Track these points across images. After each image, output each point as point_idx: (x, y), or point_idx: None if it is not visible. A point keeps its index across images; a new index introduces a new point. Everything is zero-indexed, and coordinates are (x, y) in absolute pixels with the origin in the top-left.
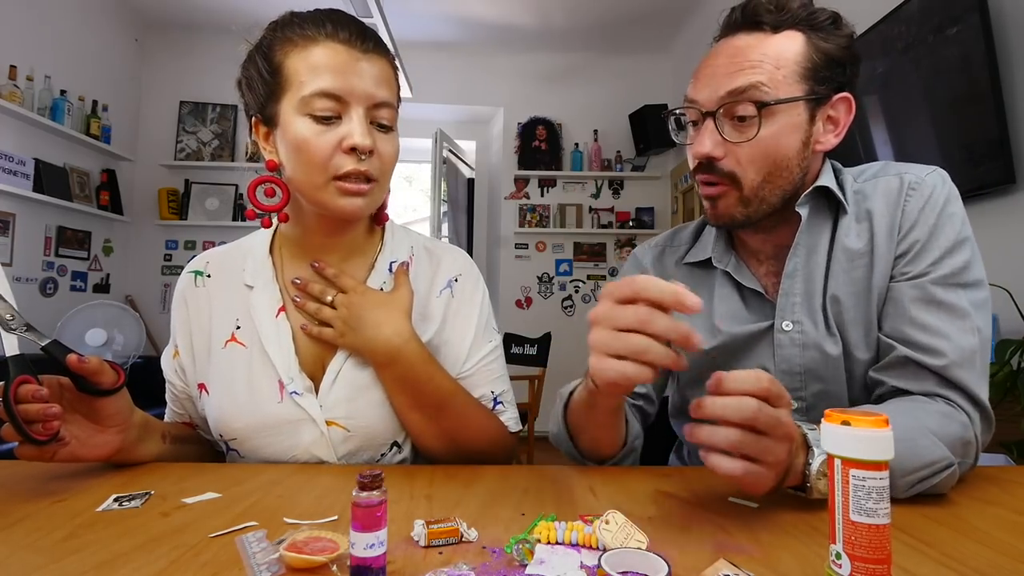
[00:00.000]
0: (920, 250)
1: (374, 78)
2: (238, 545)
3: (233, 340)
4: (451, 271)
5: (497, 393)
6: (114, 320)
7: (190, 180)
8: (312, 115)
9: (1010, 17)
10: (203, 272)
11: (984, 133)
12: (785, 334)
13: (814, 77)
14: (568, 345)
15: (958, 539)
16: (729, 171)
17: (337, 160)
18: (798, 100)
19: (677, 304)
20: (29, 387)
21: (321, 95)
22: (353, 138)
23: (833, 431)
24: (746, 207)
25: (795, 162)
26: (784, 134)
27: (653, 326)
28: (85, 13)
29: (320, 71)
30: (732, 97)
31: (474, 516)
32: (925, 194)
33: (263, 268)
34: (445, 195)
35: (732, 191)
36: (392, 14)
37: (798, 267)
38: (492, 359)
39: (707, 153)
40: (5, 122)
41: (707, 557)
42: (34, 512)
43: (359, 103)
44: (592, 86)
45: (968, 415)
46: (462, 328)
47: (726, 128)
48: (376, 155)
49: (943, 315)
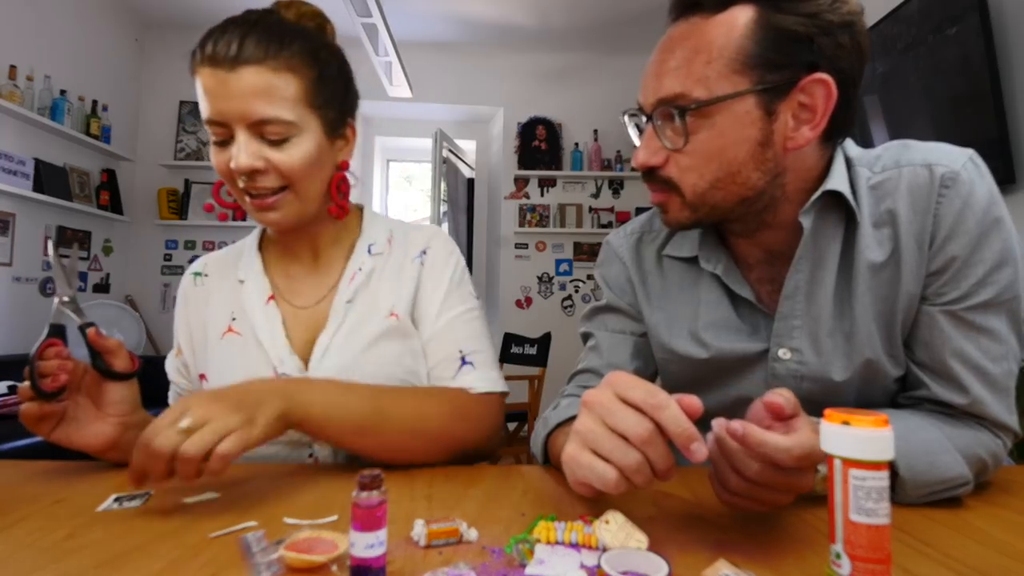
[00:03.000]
0: (961, 267)
1: (245, 95)
2: (238, 545)
3: (230, 331)
4: (421, 245)
5: (466, 352)
6: (114, 320)
7: (190, 180)
8: (212, 140)
9: (1010, 17)
10: (202, 273)
11: (984, 133)
12: (782, 363)
13: (764, 63)
14: (568, 345)
15: (958, 539)
16: (667, 178)
17: (237, 179)
18: (737, 96)
19: (684, 449)
20: (55, 348)
21: (208, 123)
22: (233, 161)
23: (833, 431)
24: (694, 212)
25: (751, 166)
26: (728, 135)
27: (653, 449)
28: (85, 13)
29: (202, 99)
30: (661, 104)
31: (474, 516)
32: (962, 194)
33: (253, 261)
34: (445, 195)
35: (675, 196)
36: (392, 14)
37: (800, 285)
38: (466, 320)
39: (643, 163)
40: (5, 122)
41: (707, 557)
42: (34, 512)
43: (237, 124)
44: (592, 86)
45: (1000, 439)
46: (432, 291)
47: (667, 131)
48: (271, 170)
49: (984, 341)
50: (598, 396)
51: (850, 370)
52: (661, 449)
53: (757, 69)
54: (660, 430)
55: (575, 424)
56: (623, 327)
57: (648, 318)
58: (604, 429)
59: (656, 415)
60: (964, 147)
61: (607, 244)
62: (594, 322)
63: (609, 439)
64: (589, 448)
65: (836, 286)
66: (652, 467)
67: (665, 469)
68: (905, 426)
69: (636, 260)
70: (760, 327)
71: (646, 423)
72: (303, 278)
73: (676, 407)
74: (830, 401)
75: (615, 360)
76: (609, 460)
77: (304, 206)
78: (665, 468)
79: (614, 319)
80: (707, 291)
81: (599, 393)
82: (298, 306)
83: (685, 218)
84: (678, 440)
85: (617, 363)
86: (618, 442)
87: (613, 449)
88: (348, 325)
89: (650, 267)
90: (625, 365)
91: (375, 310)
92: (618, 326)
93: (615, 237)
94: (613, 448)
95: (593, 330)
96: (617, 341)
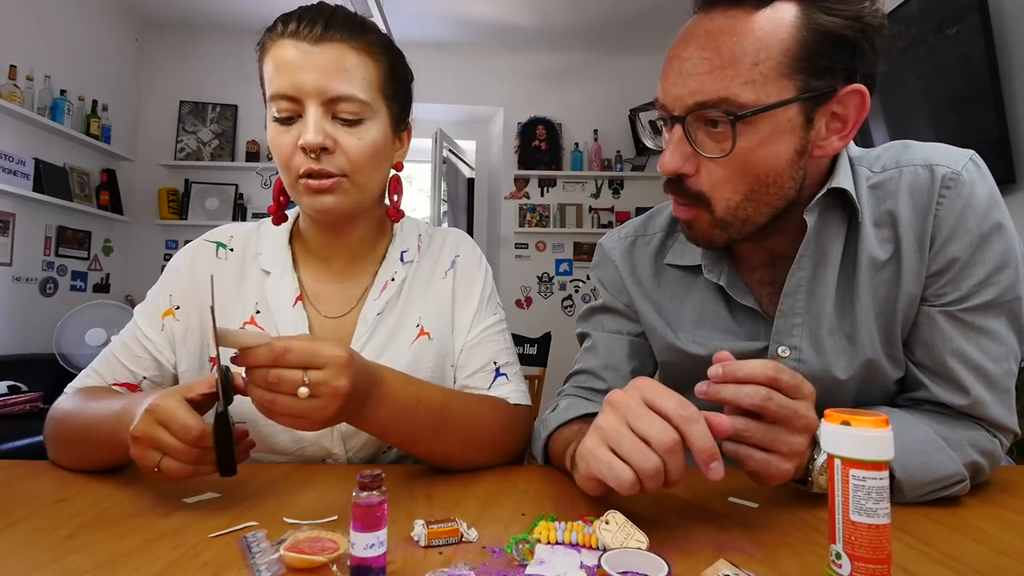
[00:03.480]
0: (962, 269)
1: (326, 70)
2: (238, 545)
3: (252, 323)
4: (449, 255)
5: (500, 363)
6: (114, 320)
7: (190, 180)
8: (275, 117)
9: (1010, 17)
10: (226, 245)
11: (984, 133)
12: (781, 360)
13: (809, 68)
14: (568, 345)
15: (958, 539)
16: (697, 191)
17: (297, 160)
18: (787, 104)
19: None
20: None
21: (277, 97)
22: (303, 137)
23: (833, 431)
24: (725, 230)
25: (786, 175)
26: (769, 144)
27: (673, 459)
28: (85, 13)
29: (274, 72)
30: (701, 108)
31: (474, 516)
32: (963, 195)
33: (282, 255)
34: (445, 195)
35: (704, 212)
36: (392, 14)
37: (802, 283)
38: (497, 331)
39: (675, 169)
40: (5, 122)
41: (707, 557)
42: (34, 512)
43: (312, 99)
44: (592, 86)
45: (997, 438)
46: (466, 302)
47: (699, 136)
48: (339, 151)
49: (984, 341)
50: (625, 398)
51: (850, 369)
52: (680, 460)
53: (803, 74)
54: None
55: (597, 419)
56: (619, 327)
57: (645, 318)
58: (627, 430)
59: (685, 427)
60: (964, 147)
61: (600, 246)
62: (590, 322)
63: (631, 440)
64: (609, 446)
65: (838, 285)
66: (666, 475)
67: (676, 479)
68: (898, 426)
69: (629, 264)
70: (760, 332)
71: (672, 432)
72: (333, 283)
73: (704, 424)
74: (828, 400)
75: (612, 360)
76: (627, 461)
77: (361, 197)
78: (677, 479)
79: (610, 319)
80: (705, 297)
81: (626, 395)
82: (326, 315)
83: (716, 237)
84: (700, 456)
85: (614, 363)
86: (640, 445)
87: (633, 451)
88: (377, 340)
89: (644, 272)
90: (622, 365)
91: (405, 323)
92: (614, 326)
93: (608, 240)
94: (633, 450)
95: (590, 330)
96: (614, 341)
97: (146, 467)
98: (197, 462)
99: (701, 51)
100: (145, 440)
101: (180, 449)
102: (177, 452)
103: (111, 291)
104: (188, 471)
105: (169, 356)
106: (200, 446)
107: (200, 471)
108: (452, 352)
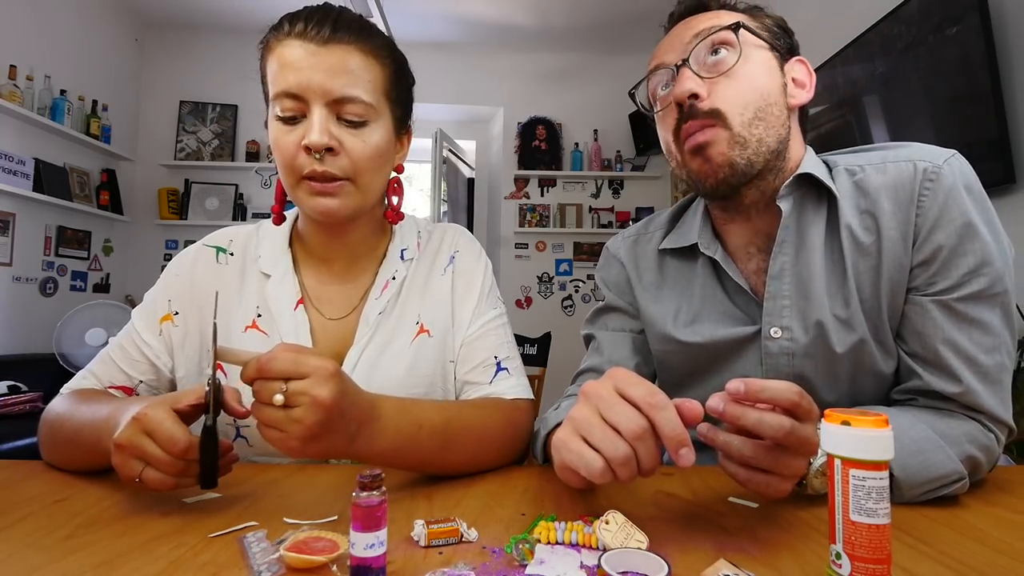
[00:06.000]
0: (948, 257)
1: (332, 70)
2: (238, 545)
3: (254, 327)
4: (448, 250)
5: (501, 358)
6: (114, 320)
7: (190, 180)
8: (279, 116)
9: (1010, 17)
10: (226, 250)
11: (984, 133)
12: (774, 341)
13: (771, 35)
14: (568, 345)
15: (958, 539)
16: (712, 108)
17: (300, 160)
18: (766, 44)
19: (672, 452)
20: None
21: (282, 95)
22: (307, 137)
23: (833, 431)
24: (743, 148)
25: (779, 105)
26: (762, 72)
27: (642, 446)
28: (85, 13)
29: (279, 71)
30: (701, 37)
31: (474, 516)
32: (946, 187)
33: (282, 257)
34: (445, 195)
35: (721, 130)
36: (392, 14)
37: (785, 267)
38: (497, 325)
39: (690, 89)
40: (5, 122)
41: (707, 557)
42: (34, 512)
43: (317, 100)
44: (592, 86)
45: (992, 432)
46: (466, 297)
47: (710, 61)
48: (342, 153)
49: (975, 332)
50: (597, 387)
51: (840, 346)
52: (650, 447)
53: (768, 34)
54: (654, 429)
55: (571, 411)
56: (623, 325)
57: (645, 311)
58: (598, 419)
59: (652, 414)
60: (964, 147)
61: (606, 249)
62: (596, 324)
63: (601, 429)
64: (580, 435)
65: (828, 268)
66: (638, 463)
67: (650, 467)
68: (895, 425)
69: (633, 258)
70: (755, 315)
71: (640, 420)
72: (334, 284)
73: (673, 410)
74: (821, 379)
75: (616, 357)
76: (598, 450)
77: (364, 199)
78: (651, 466)
79: (614, 318)
80: (702, 282)
81: (599, 385)
82: (328, 317)
83: (738, 157)
84: (669, 443)
85: (618, 359)
86: (610, 433)
87: (603, 439)
88: (378, 339)
89: (647, 264)
90: (626, 361)
91: (405, 321)
92: (618, 325)
93: (613, 242)
94: (604, 438)
95: (595, 331)
96: (617, 339)
97: (127, 476)
98: (180, 474)
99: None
100: (129, 449)
101: (164, 460)
102: (161, 463)
103: (111, 291)
104: (170, 483)
105: (166, 361)
106: (185, 458)
107: (181, 484)
108: (453, 348)
